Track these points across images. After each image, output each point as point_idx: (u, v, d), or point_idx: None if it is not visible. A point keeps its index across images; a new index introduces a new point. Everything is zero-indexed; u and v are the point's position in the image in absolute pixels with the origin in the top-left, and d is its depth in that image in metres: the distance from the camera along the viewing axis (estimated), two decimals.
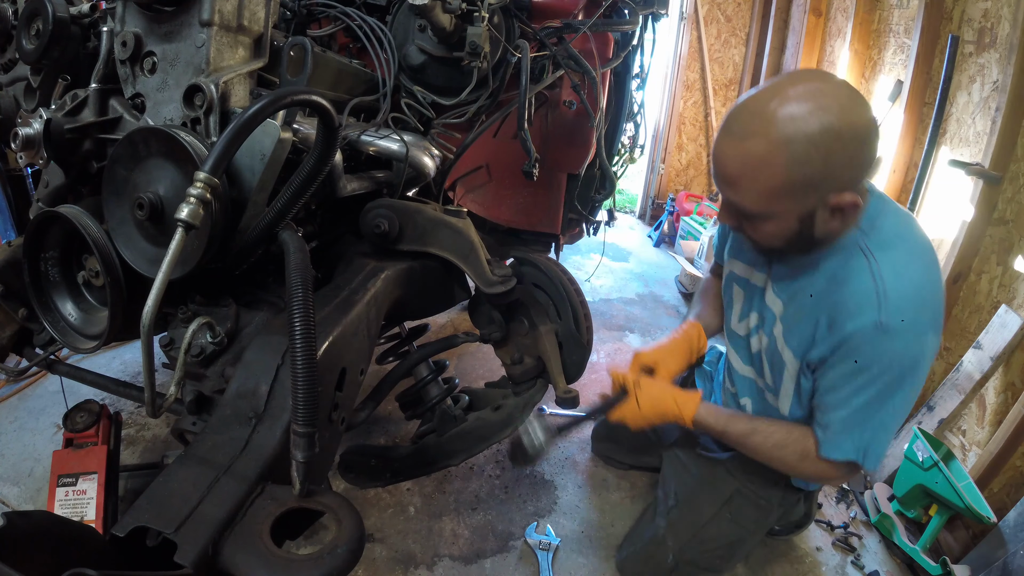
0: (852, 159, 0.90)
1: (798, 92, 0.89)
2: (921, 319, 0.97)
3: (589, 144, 1.64)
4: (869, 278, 0.98)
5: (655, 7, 1.74)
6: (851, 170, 0.91)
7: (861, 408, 1.02)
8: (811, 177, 0.90)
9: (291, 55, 1.07)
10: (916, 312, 0.97)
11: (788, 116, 0.87)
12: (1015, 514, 1.43)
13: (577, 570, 1.51)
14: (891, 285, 0.96)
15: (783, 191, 0.92)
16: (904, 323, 0.95)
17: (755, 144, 0.90)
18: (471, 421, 1.44)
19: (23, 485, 1.62)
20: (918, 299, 0.97)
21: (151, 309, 0.76)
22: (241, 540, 0.69)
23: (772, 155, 0.89)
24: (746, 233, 1.06)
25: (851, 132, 0.88)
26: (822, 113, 0.87)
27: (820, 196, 0.92)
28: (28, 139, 1.04)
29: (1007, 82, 1.72)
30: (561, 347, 1.45)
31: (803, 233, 0.98)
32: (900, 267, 0.98)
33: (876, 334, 0.96)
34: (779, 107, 0.88)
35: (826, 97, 0.88)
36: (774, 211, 0.96)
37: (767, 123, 0.89)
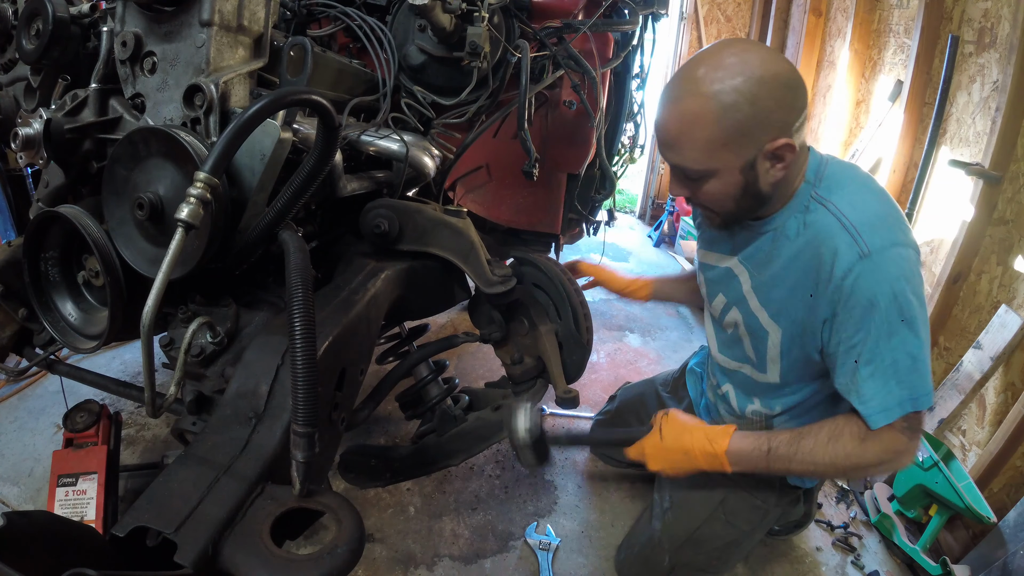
0: (779, 102, 0.95)
1: (721, 54, 0.97)
2: (895, 235, 1.00)
3: (589, 144, 1.64)
4: (834, 220, 1.02)
5: (655, 7, 1.74)
6: (779, 113, 0.96)
7: (887, 353, 0.99)
8: (742, 123, 0.95)
9: (291, 55, 1.07)
10: (888, 230, 1.00)
11: (714, 74, 0.95)
12: (1015, 514, 1.43)
13: (577, 570, 1.51)
14: (855, 217, 1.00)
15: (720, 142, 0.97)
16: (883, 242, 0.98)
17: (687, 103, 0.97)
18: (471, 421, 1.44)
19: (23, 485, 1.62)
20: (883, 219, 1.01)
21: (151, 309, 0.76)
22: (241, 540, 0.69)
23: (703, 109, 0.95)
24: (699, 202, 1.09)
25: (773, 78, 0.94)
26: (744, 66, 0.94)
27: (756, 144, 0.97)
28: (28, 139, 1.04)
29: (1007, 82, 1.72)
30: (561, 347, 1.45)
31: (749, 187, 1.02)
32: (855, 199, 1.03)
33: (864, 264, 0.98)
34: (705, 67, 0.96)
35: (746, 53, 0.96)
36: (716, 166, 1.00)
37: (696, 83, 0.97)
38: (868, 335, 0.99)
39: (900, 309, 0.97)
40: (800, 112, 0.98)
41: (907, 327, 0.98)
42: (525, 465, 1.31)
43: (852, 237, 0.99)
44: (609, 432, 1.31)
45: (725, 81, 0.94)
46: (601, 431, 1.33)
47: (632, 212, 4.79)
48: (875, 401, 1.01)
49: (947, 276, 1.86)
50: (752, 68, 0.94)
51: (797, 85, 0.97)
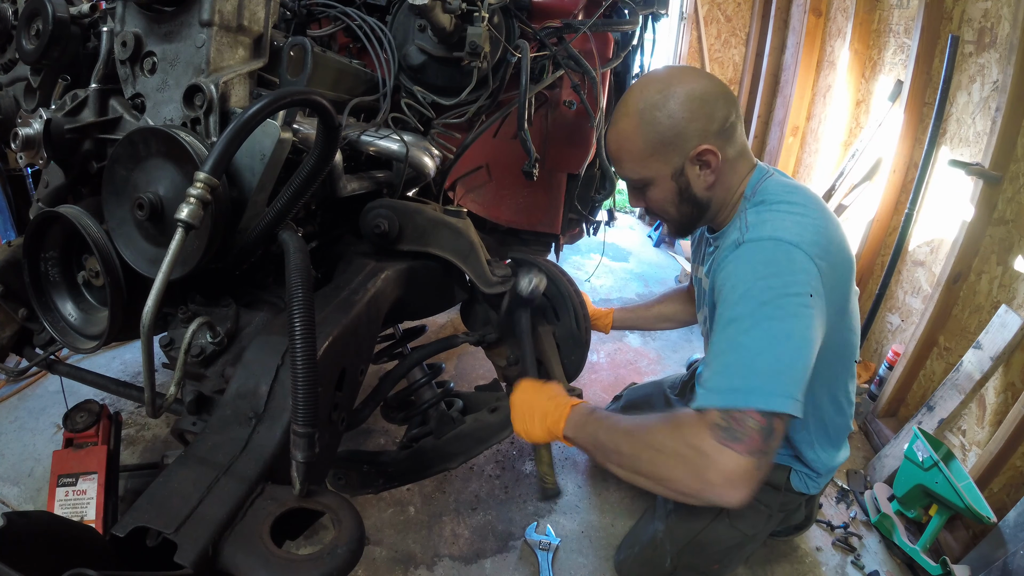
0: (694, 113, 1.07)
1: (649, 80, 1.13)
2: (779, 233, 0.97)
3: (589, 144, 1.65)
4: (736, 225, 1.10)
5: (655, 7, 1.74)
6: (696, 123, 1.07)
7: (721, 344, 0.92)
8: (663, 134, 1.08)
9: (291, 55, 1.07)
10: (775, 229, 0.99)
11: (640, 96, 1.11)
12: (1015, 514, 1.43)
13: (577, 570, 1.51)
14: (752, 221, 1.06)
15: (648, 152, 1.10)
16: (761, 234, 0.99)
17: (621, 123, 1.13)
18: (468, 423, 1.44)
19: (23, 485, 1.62)
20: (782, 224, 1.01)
21: (151, 309, 0.76)
22: (241, 540, 0.69)
23: (631, 126, 1.11)
24: (650, 209, 1.21)
25: (685, 91, 1.07)
26: (662, 86, 1.09)
27: (680, 151, 1.09)
28: (28, 139, 1.04)
29: (1007, 82, 1.72)
30: (559, 348, 1.45)
31: (683, 192, 1.14)
32: (766, 213, 1.06)
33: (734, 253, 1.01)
34: (635, 92, 1.13)
35: (666, 75, 1.12)
36: (650, 175, 1.13)
37: (627, 106, 1.13)
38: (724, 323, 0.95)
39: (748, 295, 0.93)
40: (719, 120, 1.08)
41: (750, 320, 0.91)
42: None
43: (740, 233, 1.06)
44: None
45: (646, 99, 1.09)
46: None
47: (632, 212, 4.79)
48: (702, 386, 0.93)
49: (947, 276, 1.86)
50: (670, 86, 1.08)
51: (713, 97, 1.08)
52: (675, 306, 1.74)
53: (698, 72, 1.14)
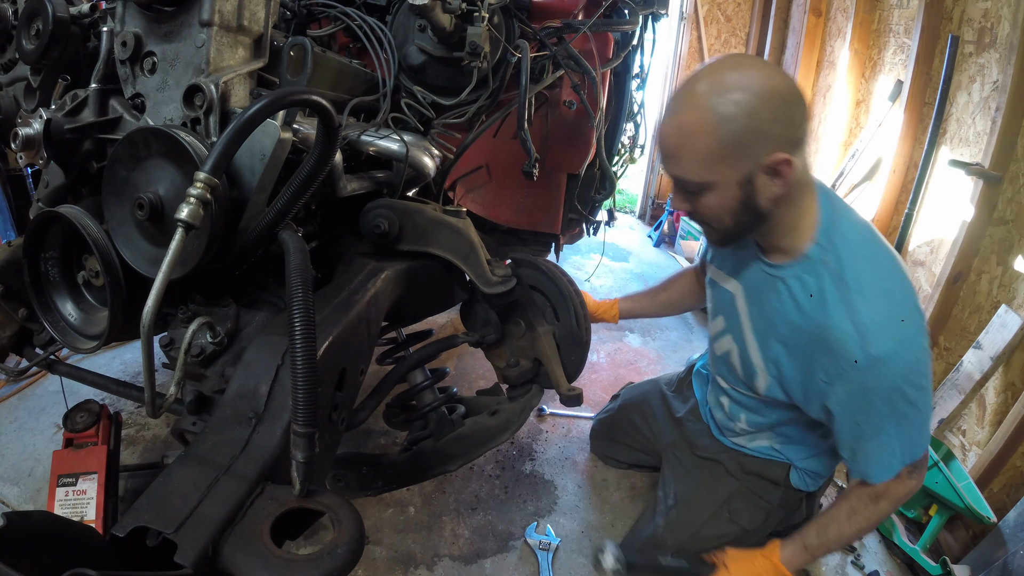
0: (776, 116, 0.94)
1: (721, 68, 0.98)
2: (904, 332, 1.01)
3: (589, 144, 1.64)
4: (845, 315, 1.02)
5: (655, 7, 1.74)
6: (777, 126, 0.95)
7: (890, 429, 1.05)
8: (739, 135, 0.94)
9: (291, 55, 1.07)
10: (898, 329, 1.01)
11: (713, 87, 0.96)
12: (1015, 514, 1.43)
13: (577, 570, 1.51)
14: (866, 315, 1.00)
15: (717, 154, 0.97)
16: (890, 345, 1.00)
17: (686, 115, 0.98)
18: (468, 426, 1.44)
19: (23, 485, 1.62)
20: (895, 316, 1.02)
21: (151, 309, 0.76)
22: (241, 540, 0.69)
23: (701, 120, 0.96)
24: (699, 216, 1.08)
25: (772, 91, 0.94)
26: (742, 79, 0.95)
27: (753, 157, 0.96)
28: (28, 139, 1.04)
29: (1007, 82, 1.72)
30: (559, 348, 1.45)
31: (747, 202, 1.01)
32: (869, 288, 1.02)
33: (869, 369, 1.00)
34: (705, 81, 0.97)
35: (746, 68, 0.97)
36: (714, 179, 1.00)
37: (695, 96, 0.97)
38: (869, 414, 1.04)
39: (905, 398, 1.03)
40: (799, 127, 0.98)
41: (910, 407, 1.03)
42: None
43: (861, 340, 1.00)
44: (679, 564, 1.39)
45: (723, 94, 0.94)
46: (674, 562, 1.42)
47: (632, 212, 4.79)
48: (877, 464, 1.09)
49: (947, 276, 1.86)
50: (751, 81, 0.94)
51: (796, 100, 0.96)
52: (681, 292, 1.67)
53: (776, 68, 1.02)
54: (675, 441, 1.56)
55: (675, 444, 1.55)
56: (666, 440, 1.59)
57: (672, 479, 1.50)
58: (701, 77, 0.98)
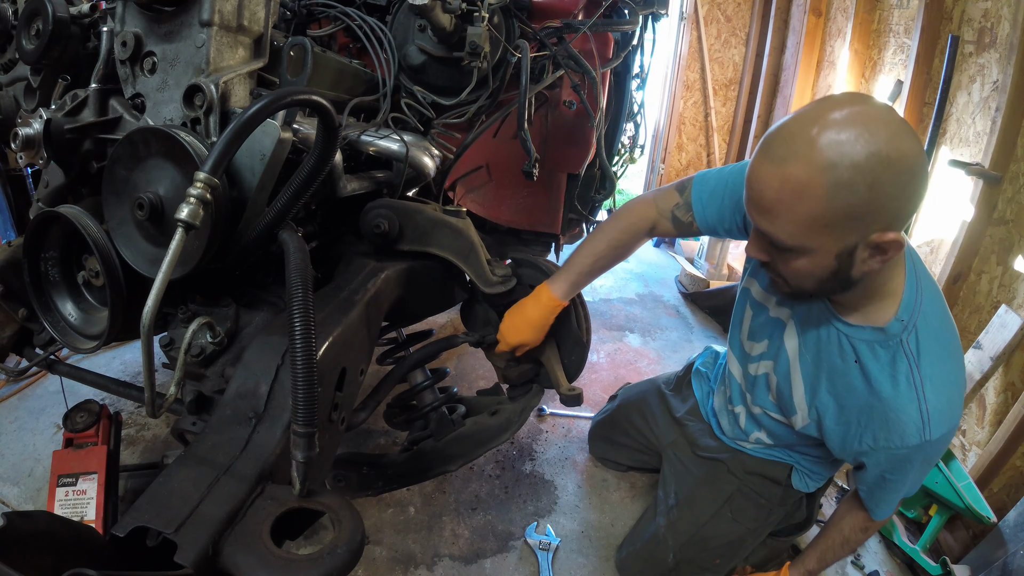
0: (901, 190, 0.81)
1: (842, 115, 0.81)
2: (955, 418, 1.04)
3: (589, 144, 1.64)
4: (914, 401, 1.01)
5: (655, 7, 1.74)
6: (898, 202, 0.82)
7: (911, 482, 1.12)
8: (855, 207, 0.82)
9: (291, 55, 1.07)
10: (952, 415, 1.03)
11: (832, 139, 0.80)
12: (1015, 514, 1.43)
13: (577, 570, 1.51)
14: (934, 403, 1.00)
15: (824, 222, 0.84)
16: (945, 430, 1.03)
17: (795, 168, 0.82)
18: (468, 426, 1.44)
19: (23, 485, 1.62)
20: (956, 404, 1.04)
21: (151, 309, 0.76)
22: (241, 540, 0.69)
23: (813, 180, 0.81)
24: (776, 269, 0.98)
25: (900, 161, 0.80)
26: (869, 137, 0.79)
27: (863, 232, 0.85)
28: (28, 139, 1.04)
29: (1007, 82, 1.72)
30: (559, 348, 1.45)
31: (839, 272, 0.91)
32: (940, 376, 1.01)
33: (920, 447, 1.03)
34: (822, 130, 0.81)
35: (873, 122, 0.80)
36: (812, 245, 0.88)
37: (809, 146, 0.81)
38: (901, 475, 1.10)
39: (931, 462, 1.11)
40: (919, 201, 0.86)
41: (929, 467, 1.13)
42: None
43: (922, 424, 1.01)
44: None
45: (845, 151, 0.79)
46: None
47: None
48: (886, 506, 1.18)
49: (947, 276, 1.86)
50: (878, 143, 0.79)
51: (923, 171, 0.83)
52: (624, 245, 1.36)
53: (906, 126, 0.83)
54: (675, 441, 1.56)
55: (675, 444, 1.55)
56: (666, 440, 1.59)
57: (673, 478, 1.50)
58: (819, 122, 0.82)
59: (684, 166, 4.45)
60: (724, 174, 1.21)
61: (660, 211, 1.27)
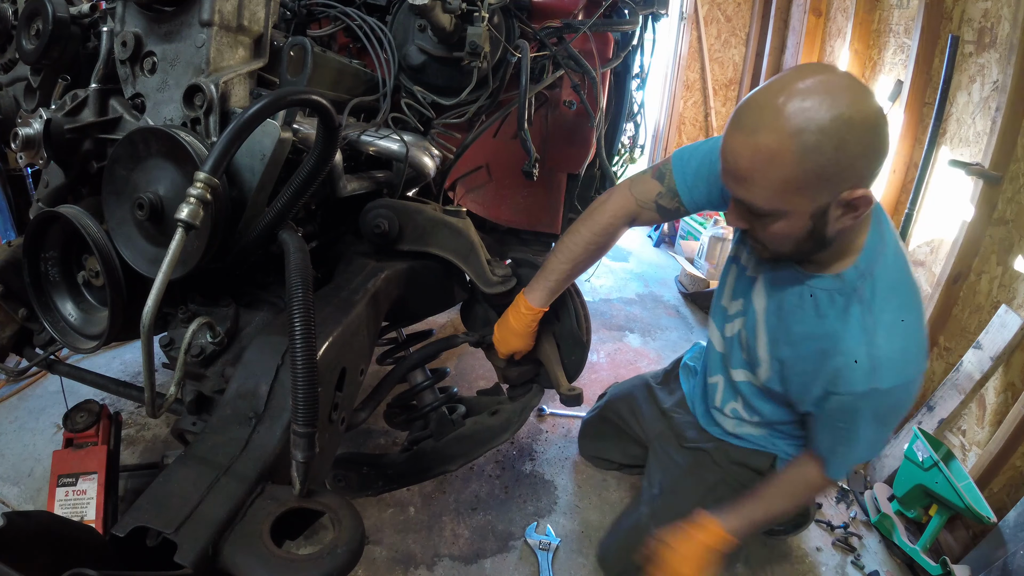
0: (866, 149, 0.87)
1: (806, 84, 0.86)
2: (909, 372, 1.05)
3: (589, 144, 1.64)
4: (862, 340, 1.03)
5: (655, 7, 1.74)
6: (864, 160, 0.88)
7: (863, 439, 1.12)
8: (824, 168, 0.87)
9: (291, 55, 1.07)
10: (904, 367, 1.04)
11: (798, 107, 0.85)
12: (1015, 514, 1.43)
13: (577, 570, 1.51)
14: (883, 349, 1.02)
15: (796, 184, 0.89)
16: (895, 381, 1.03)
17: (765, 136, 0.87)
18: (468, 426, 1.44)
19: (23, 485, 1.62)
20: (907, 357, 1.04)
21: (151, 309, 0.76)
22: (241, 540, 0.69)
23: (783, 146, 0.86)
24: (755, 235, 1.04)
25: (863, 120, 0.85)
26: (832, 102, 0.84)
27: (833, 190, 0.90)
28: (28, 139, 1.04)
29: (1007, 82, 1.72)
30: (559, 348, 1.45)
31: (815, 232, 0.95)
32: (893, 327, 1.03)
33: (867, 396, 1.04)
34: (788, 99, 0.86)
35: (835, 87, 0.86)
36: (787, 208, 0.93)
37: (776, 115, 0.86)
38: (852, 427, 1.10)
39: (884, 419, 1.11)
40: (883, 157, 0.90)
41: (887, 429, 1.14)
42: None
43: (871, 368, 1.02)
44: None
45: (810, 116, 0.84)
46: None
47: None
48: (841, 465, 1.18)
49: (947, 276, 1.86)
50: (841, 106, 0.84)
51: (884, 130, 0.88)
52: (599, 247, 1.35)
53: (865, 89, 0.89)
54: (662, 432, 1.54)
55: (661, 435, 1.54)
56: (653, 432, 1.58)
57: (658, 469, 1.49)
58: (785, 92, 0.87)
59: None
60: (702, 152, 1.21)
61: (640, 203, 1.27)
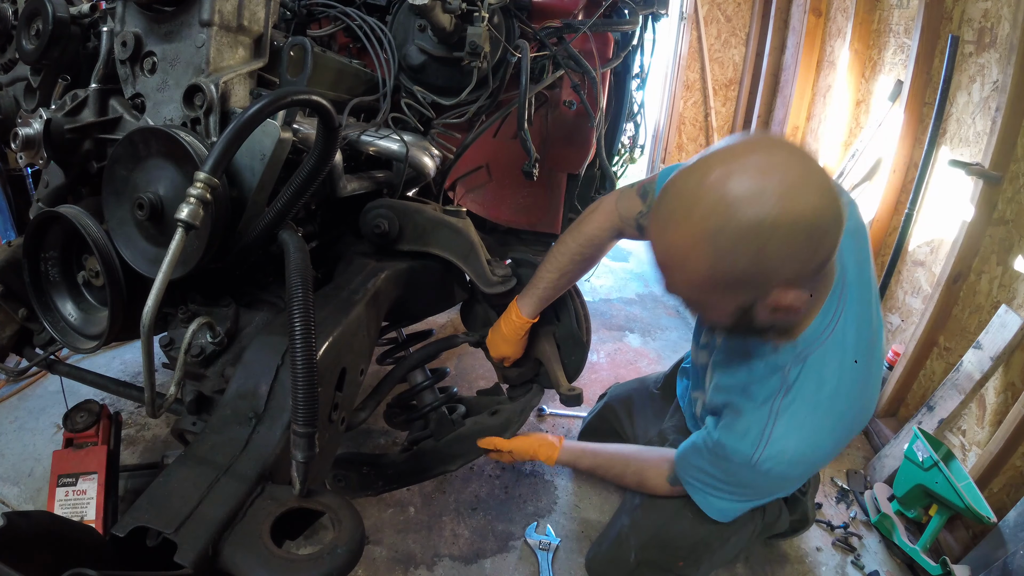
0: (794, 253, 0.78)
1: (731, 172, 0.77)
2: (790, 471, 1.05)
3: (589, 144, 1.64)
4: (760, 424, 1.02)
5: (655, 7, 1.74)
6: (791, 266, 0.80)
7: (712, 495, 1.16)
8: (740, 275, 0.81)
9: (291, 55, 1.07)
10: (790, 465, 1.03)
11: (714, 205, 0.77)
12: (1015, 514, 1.43)
13: (577, 570, 1.51)
14: (776, 439, 1.01)
15: (710, 285, 0.84)
16: (771, 470, 1.03)
17: (677, 235, 0.82)
18: (468, 426, 1.43)
19: (23, 485, 1.62)
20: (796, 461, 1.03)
21: (151, 309, 0.76)
22: (241, 540, 0.69)
23: (696, 249, 0.80)
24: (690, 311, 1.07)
25: (790, 224, 0.75)
26: (755, 202, 0.75)
27: (755, 293, 0.84)
28: (28, 139, 1.04)
29: (1007, 82, 1.72)
30: (559, 348, 1.45)
31: (742, 324, 0.91)
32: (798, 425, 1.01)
33: (744, 464, 1.05)
34: (708, 192, 0.78)
35: (764, 179, 0.76)
36: (705, 302, 0.91)
37: (690, 211, 0.79)
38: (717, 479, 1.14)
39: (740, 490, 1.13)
40: (823, 257, 0.82)
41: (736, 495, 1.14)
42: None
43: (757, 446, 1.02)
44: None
45: (727, 220, 0.76)
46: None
47: None
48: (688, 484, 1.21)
49: (947, 276, 1.86)
50: (766, 207, 0.74)
51: (823, 230, 0.78)
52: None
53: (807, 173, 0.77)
54: (651, 440, 1.54)
55: (651, 443, 1.54)
56: (643, 440, 1.58)
57: None
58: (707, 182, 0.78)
59: None
60: None
61: (623, 219, 1.25)
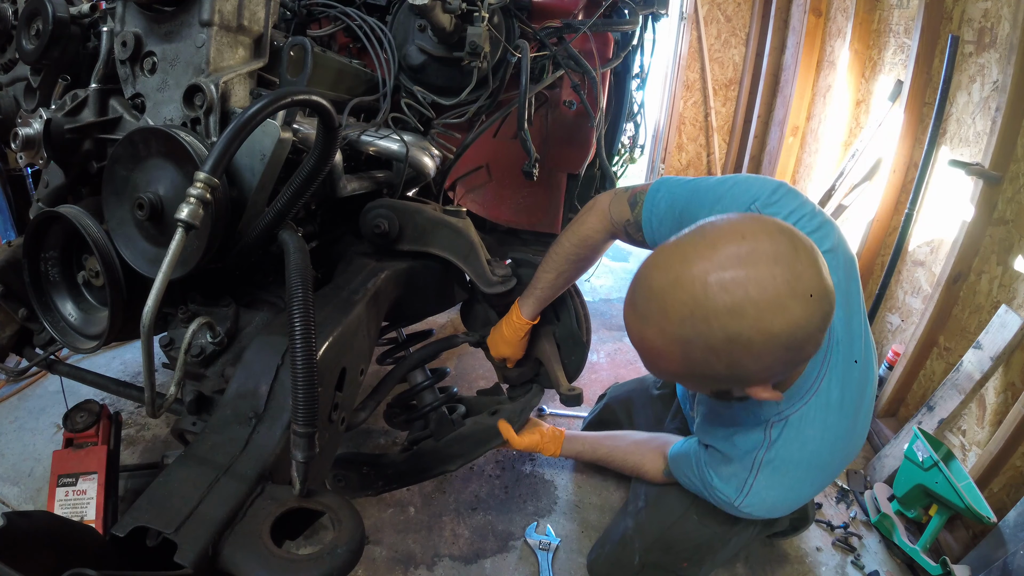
0: (769, 367, 0.77)
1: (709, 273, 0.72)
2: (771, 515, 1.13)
3: (589, 144, 1.64)
4: (748, 468, 1.07)
5: (655, 7, 1.74)
6: (766, 373, 0.80)
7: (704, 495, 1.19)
8: (714, 375, 0.81)
9: (291, 55, 1.07)
10: (767, 512, 1.11)
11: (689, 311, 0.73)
12: (1015, 514, 1.43)
13: (577, 570, 1.51)
14: (757, 490, 1.07)
15: (684, 376, 0.87)
16: (751, 514, 1.11)
17: (651, 333, 0.80)
18: (468, 426, 1.43)
19: (23, 485, 1.62)
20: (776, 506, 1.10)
21: (151, 309, 0.76)
22: (241, 540, 0.69)
23: (668, 349, 0.79)
24: None
25: (765, 341, 0.72)
26: (732, 316, 0.71)
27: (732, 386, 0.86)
28: (28, 139, 1.04)
29: (1007, 82, 1.72)
30: (559, 348, 1.45)
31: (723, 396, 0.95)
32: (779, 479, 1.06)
33: (727, 504, 1.12)
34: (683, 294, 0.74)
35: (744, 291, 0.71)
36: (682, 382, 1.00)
37: (665, 312, 0.76)
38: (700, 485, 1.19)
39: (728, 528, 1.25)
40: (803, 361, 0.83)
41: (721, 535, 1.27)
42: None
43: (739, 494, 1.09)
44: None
45: (699, 333, 0.73)
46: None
47: None
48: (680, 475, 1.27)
49: (947, 276, 1.86)
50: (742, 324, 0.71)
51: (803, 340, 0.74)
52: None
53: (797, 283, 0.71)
54: None
55: None
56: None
57: (643, 481, 1.48)
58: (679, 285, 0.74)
59: (684, 166, 4.45)
60: (676, 195, 1.14)
61: (614, 224, 1.25)
